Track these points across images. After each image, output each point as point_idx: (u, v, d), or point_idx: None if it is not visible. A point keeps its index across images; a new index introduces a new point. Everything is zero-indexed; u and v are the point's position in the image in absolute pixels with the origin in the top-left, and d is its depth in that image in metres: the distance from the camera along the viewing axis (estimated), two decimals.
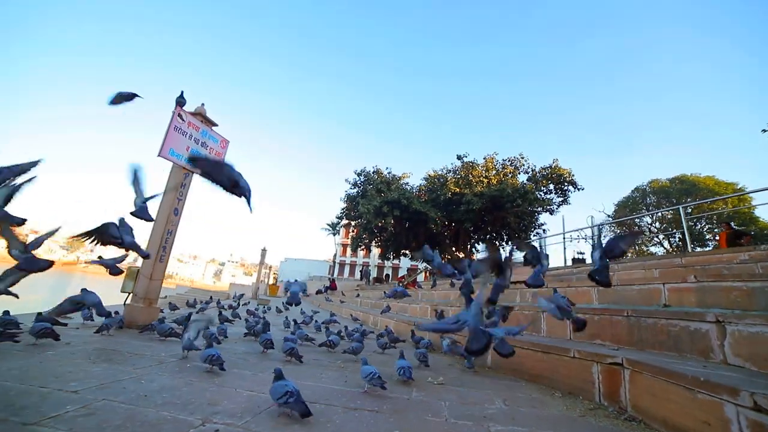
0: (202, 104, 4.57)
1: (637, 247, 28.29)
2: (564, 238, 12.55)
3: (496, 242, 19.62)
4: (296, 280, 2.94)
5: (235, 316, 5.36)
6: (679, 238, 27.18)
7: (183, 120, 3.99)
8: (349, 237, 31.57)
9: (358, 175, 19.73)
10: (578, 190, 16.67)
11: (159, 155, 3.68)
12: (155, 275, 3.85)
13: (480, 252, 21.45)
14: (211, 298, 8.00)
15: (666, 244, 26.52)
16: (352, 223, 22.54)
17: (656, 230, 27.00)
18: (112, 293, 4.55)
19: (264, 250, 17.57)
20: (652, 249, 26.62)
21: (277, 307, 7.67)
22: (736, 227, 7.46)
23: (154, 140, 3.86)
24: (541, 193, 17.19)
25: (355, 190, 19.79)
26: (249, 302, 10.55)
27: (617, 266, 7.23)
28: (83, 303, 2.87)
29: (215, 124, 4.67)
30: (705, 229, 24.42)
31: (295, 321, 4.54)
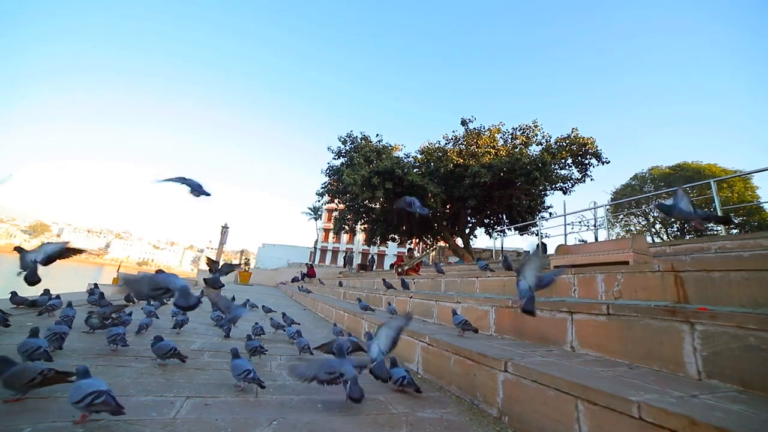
0: None
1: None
2: (565, 222, 10.46)
3: (496, 227, 17.10)
4: None
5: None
6: (677, 227, 25.96)
7: None
8: (332, 220, 28.45)
9: (343, 142, 16.46)
10: (603, 163, 14.13)
11: None
12: None
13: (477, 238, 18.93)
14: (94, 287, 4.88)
15: (663, 234, 25.28)
16: (336, 201, 19.31)
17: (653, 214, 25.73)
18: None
19: (225, 227, 14.22)
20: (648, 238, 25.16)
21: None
22: None
23: None
24: (557, 167, 14.58)
25: (340, 160, 16.55)
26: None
27: (712, 245, 4.61)
28: None
29: None
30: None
31: None
